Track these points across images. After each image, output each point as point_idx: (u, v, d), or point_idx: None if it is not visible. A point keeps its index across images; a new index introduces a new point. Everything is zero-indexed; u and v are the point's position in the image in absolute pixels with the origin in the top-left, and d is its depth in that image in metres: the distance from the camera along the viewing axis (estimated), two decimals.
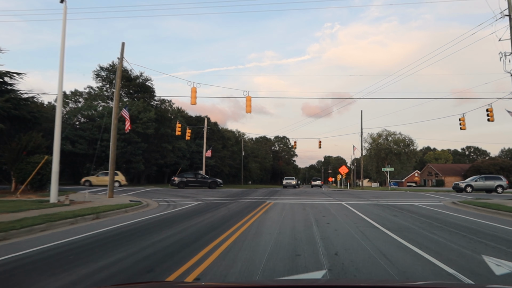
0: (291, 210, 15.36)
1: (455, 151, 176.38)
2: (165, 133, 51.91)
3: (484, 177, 36.93)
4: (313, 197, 25.25)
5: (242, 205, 18.06)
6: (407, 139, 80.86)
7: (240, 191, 33.27)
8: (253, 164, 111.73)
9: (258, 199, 21.68)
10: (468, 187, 35.66)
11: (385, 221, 11.52)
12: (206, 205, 17.59)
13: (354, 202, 20.71)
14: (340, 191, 37.24)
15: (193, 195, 24.73)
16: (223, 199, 21.73)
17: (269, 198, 23.25)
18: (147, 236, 8.37)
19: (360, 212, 14.72)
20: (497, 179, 36.53)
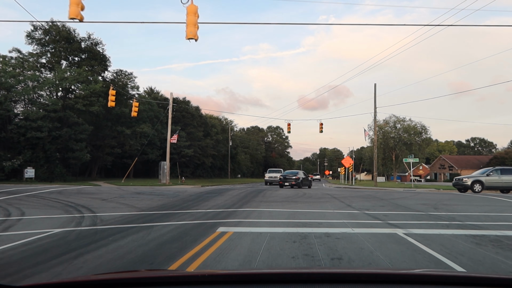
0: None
1: (459, 143, 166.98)
2: (122, 114, 40.36)
3: (500, 170, 25.90)
4: (320, 206, 13.95)
5: (143, 244, 6.57)
6: (419, 126, 69.90)
7: (196, 193, 22.00)
8: (243, 156, 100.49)
9: (205, 220, 10.34)
10: (477, 184, 25.05)
11: None
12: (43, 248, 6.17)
13: (427, 231, 9.45)
14: (352, 190, 26.05)
15: (72, 206, 13.41)
16: (127, 220, 10.44)
17: (234, 211, 11.94)
18: None
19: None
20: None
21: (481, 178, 25.41)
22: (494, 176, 25.23)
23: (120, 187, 25.49)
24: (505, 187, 25.29)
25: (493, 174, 25.47)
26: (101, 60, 39.04)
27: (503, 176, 25.22)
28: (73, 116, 32.93)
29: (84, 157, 35.02)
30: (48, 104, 31.58)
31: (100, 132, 40.11)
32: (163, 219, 9.50)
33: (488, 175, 25.44)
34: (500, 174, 25.34)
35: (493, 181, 25.13)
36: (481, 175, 25.89)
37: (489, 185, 25.09)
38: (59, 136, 32.26)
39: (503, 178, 25.11)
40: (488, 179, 25.15)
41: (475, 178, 25.59)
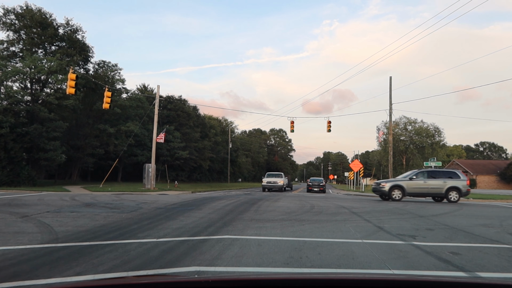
0: None
1: (468, 147, 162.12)
2: (105, 110, 35.88)
3: (427, 172, 21.52)
4: (338, 230, 9.32)
5: None
6: (432, 128, 65.14)
7: (168, 205, 17.44)
8: (244, 159, 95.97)
9: (131, 270, 5.80)
10: (396, 189, 20.56)
11: None
12: None
13: None
14: (369, 201, 21.46)
15: None
16: None
17: (202, 243, 7.41)
18: None
19: None
20: (449, 176, 21.04)
21: (402, 183, 20.89)
22: (418, 180, 20.73)
23: (87, 194, 21.08)
24: (431, 193, 20.70)
25: (418, 177, 20.92)
26: (80, 49, 34.64)
27: (431, 180, 20.74)
28: (44, 111, 28.48)
29: (59, 158, 30.57)
30: (10, 96, 27.17)
31: (80, 130, 35.74)
32: (56, 268, 5.00)
33: (411, 179, 20.88)
34: (427, 178, 20.86)
35: (417, 186, 20.59)
36: (403, 179, 21.41)
37: (411, 191, 20.67)
38: (26, 133, 27.85)
39: (430, 182, 20.64)
40: (411, 184, 20.65)
41: (394, 183, 21.12)
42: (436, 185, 20.51)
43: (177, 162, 55.02)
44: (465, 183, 20.79)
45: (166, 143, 53.04)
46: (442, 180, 20.68)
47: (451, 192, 20.38)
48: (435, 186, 20.50)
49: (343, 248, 6.84)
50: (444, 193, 20.40)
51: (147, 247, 6.54)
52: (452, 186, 20.44)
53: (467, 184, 20.90)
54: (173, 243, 6.94)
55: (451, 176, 20.96)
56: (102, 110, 35.82)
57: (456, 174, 21.21)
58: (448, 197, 20.35)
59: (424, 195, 21.38)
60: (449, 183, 20.53)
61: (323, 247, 6.84)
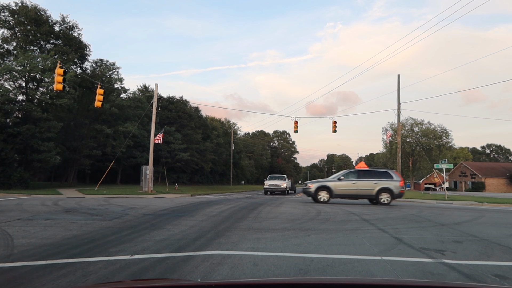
0: None
1: (474, 149, 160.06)
2: (102, 110, 34.72)
3: (357, 173, 20.16)
4: (351, 243, 7.95)
5: None
6: (439, 130, 63.53)
7: (159, 211, 16.12)
8: (247, 161, 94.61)
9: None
10: (322, 191, 19.19)
11: None
12: None
13: None
14: (380, 206, 20.11)
15: None
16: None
17: (186, 261, 6.07)
18: None
19: None
20: (381, 177, 19.45)
21: (329, 184, 19.50)
22: (347, 181, 19.34)
23: (77, 197, 19.86)
24: (361, 195, 19.15)
25: (347, 178, 19.55)
26: (77, 47, 33.49)
27: (360, 180, 19.28)
28: (36, 110, 27.29)
29: (53, 159, 29.38)
30: (1, 94, 25.97)
31: (76, 131, 34.55)
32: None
33: (339, 180, 19.50)
34: (356, 178, 19.43)
35: (346, 187, 19.19)
36: (331, 180, 20.10)
37: (339, 193, 19.19)
38: (18, 134, 26.67)
39: (359, 183, 19.19)
40: (339, 185, 19.25)
41: (321, 184, 19.68)
42: (366, 186, 19.01)
43: (178, 164, 53.78)
44: (398, 184, 19.20)
45: (166, 144, 51.86)
46: (373, 181, 19.14)
47: (382, 193, 18.90)
48: (365, 187, 19.02)
49: (359, 268, 5.49)
50: (375, 195, 18.93)
51: (114, 268, 5.22)
52: (384, 187, 18.88)
53: (400, 185, 19.28)
54: (149, 262, 5.61)
55: (383, 177, 19.38)
56: (99, 110, 34.66)
57: (388, 174, 19.63)
58: (379, 199, 18.87)
59: (353, 196, 19.62)
60: (380, 184, 18.99)
61: (334, 268, 5.49)
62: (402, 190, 19.49)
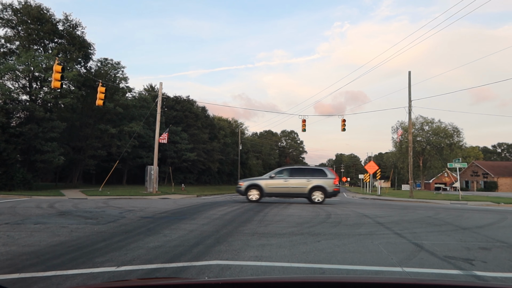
0: None
1: (485, 148, 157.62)
2: (107, 110, 34.24)
3: (290, 170, 19.19)
4: (366, 250, 7.13)
5: None
6: (450, 129, 62.16)
7: (158, 214, 15.40)
8: (254, 161, 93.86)
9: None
10: (253, 189, 18.36)
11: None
12: None
13: None
14: (392, 207, 19.15)
15: None
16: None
17: (179, 274, 5.32)
18: None
19: None
20: (315, 175, 18.55)
21: (260, 182, 18.59)
22: (279, 179, 18.43)
23: (77, 198, 19.30)
24: (293, 193, 18.25)
25: (279, 176, 18.63)
26: (80, 46, 33.01)
27: (292, 178, 18.36)
28: (39, 110, 26.83)
29: (56, 160, 28.90)
30: (2, 93, 25.53)
31: (80, 131, 34.09)
32: None
33: (271, 178, 18.62)
34: (289, 176, 18.51)
35: (277, 185, 18.26)
36: (263, 178, 19.15)
37: (271, 191, 18.31)
38: (20, 134, 26.22)
39: (291, 181, 18.26)
40: (270, 183, 18.35)
41: (252, 182, 18.93)
42: (298, 184, 18.17)
43: (184, 164, 53.22)
44: (332, 182, 18.34)
45: (173, 144, 51.34)
46: (306, 179, 18.32)
47: (315, 192, 18.11)
48: (298, 185, 18.17)
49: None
50: (307, 193, 18.11)
51: (94, 283, 4.50)
52: (317, 185, 18.06)
53: (334, 183, 18.41)
54: (135, 275, 4.89)
55: (317, 174, 18.54)
56: (104, 109, 34.18)
57: (323, 172, 18.76)
58: (312, 198, 18.08)
59: (285, 195, 18.75)
60: (313, 182, 18.17)
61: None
62: (336, 189, 18.66)
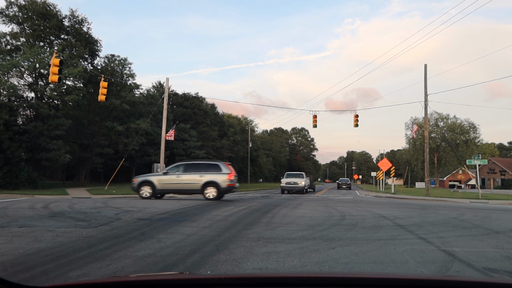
0: None
1: (500, 145, 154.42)
2: (113, 107, 33.64)
3: (184, 166, 18.41)
4: (390, 261, 6.17)
5: None
6: (466, 124, 60.38)
7: (158, 215, 14.52)
8: (264, 159, 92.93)
9: None
10: (145, 186, 17.76)
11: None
12: None
13: None
14: (409, 206, 18.02)
15: None
16: None
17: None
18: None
19: None
20: (209, 170, 17.75)
21: (152, 178, 17.84)
22: (172, 175, 17.72)
23: (80, 198, 18.62)
24: (186, 189, 17.41)
25: (173, 171, 17.97)
26: (86, 42, 32.41)
27: (185, 174, 17.59)
28: (43, 107, 26.27)
29: (62, 158, 28.38)
30: (6, 90, 25.02)
31: (87, 128, 33.55)
32: None
33: (165, 173, 18.03)
34: (182, 172, 17.76)
35: (170, 181, 17.51)
36: (156, 174, 18.68)
37: (163, 188, 17.58)
38: (24, 132, 25.69)
39: (184, 177, 17.48)
40: (163, 179, 17.62)
41: (144, 178, 18.12)
42: (191, 180, 17.32)
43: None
44: (226, 177, 17.33)
45: (181, 142, 50.69)
46: (199, 174, 17.45)
47: (208, 188, 17.27)
48: (190, 181, 17.31)
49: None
50: (200, 189, 17.30)
51: None
52: (210, 181, 17.23)
53: (228, 179, 17.36)
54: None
55: (211, 169, 17.70)
56: (110, 106, 33.59)
57: (217, 166, 17.82)
58: (205, 194, 17.24)
59: (178, 191, 18.03)
60: (206, 177, 17.35)
61: None
62: (231, 184, 17.61)
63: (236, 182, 18.58)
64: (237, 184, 19.32)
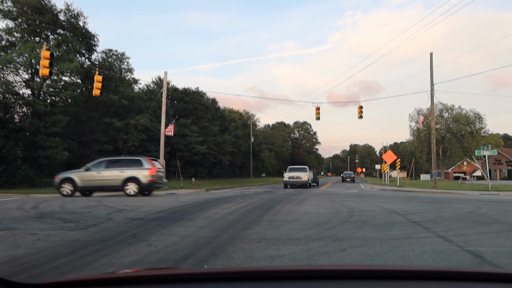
0: None
1: (505, 136, 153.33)
2: (112, 103, 32.94)
3: (106, 162, 18.13)
4: (412, 262, 5.47)
5: None
6: (471, 115, 59.37)
7: (153, 214, 13.79)
8: (267, 153, 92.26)
9: None
10: (66, 183, 17.25)
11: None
12: None
13: None
14: (420, 200, 17.28)
15: None
16: None
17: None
18: None
19: None
20: (130, 165, 17.44)
21: (73, 175, 17.40)
22: (93, 171, 17.31)
23: (77, 196, 17.98)
24: (107, 186, 17.04)
25: (95, 168, 17.52)
26: (83, 37, 31.65)
27: (107, 170, 17.27)
28: (39, 103, 25.61)
29: (60, 155, 27.77)
30: None
31: (85, 125, 32.91)
32: None
33: (87, 170, 17.51)
34: (104, 168, 17.42)
35: (91, 178, 17.11)
36: (78, 171, 17.97)
37: (85, 185, 17.17)
38: (20, 129, 25.06)
39: (105, 173, 17.16)
40: (84, 176, 17.22)
41: (65, 175, 17.69)
42: (111, 176, 16.99)
43: (195, 158, 51.90)
44: (147, 172, 16.91)
45: (182, 137, 50.03)
46: (119, 170, 17.09)
47: (128, 184, 16.95)
48: (111, 177, 16.94)
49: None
50: (121, 185, 16.98)
51: None
52: (130, 176, 16.91)
53: (150, 174, 16.93)
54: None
55: (133, 165, 17.31)
56: (109, 102, 32.91)
57: (139, 162, 17.44)
58: (125, 191, 16.79)
59: (99, 188, 17.66)
60: (127, 173, 17.02)
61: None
62: (153, 180, 17.15)
63: (161, 177, 18.04)
64: (165, 180, 18.96)
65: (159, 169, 17.93)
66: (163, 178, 18.68)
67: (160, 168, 18.23)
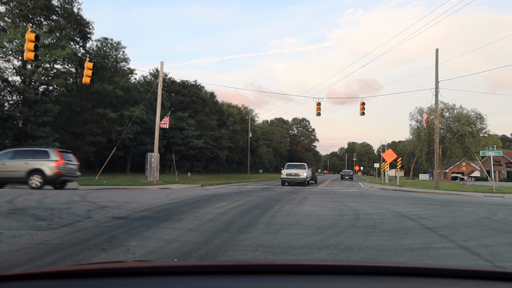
0: None
1: (504, 137, 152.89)
2: (106, 93, 31.87)
3: (13, 152, 17.23)
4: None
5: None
6: (473, 115, 58.55)
7: (137, 212, 12.87)
8: (265, 149, 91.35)
9: None
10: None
11: None
12: None
13: None
14: (426, 201, 16.39)
15: None
16: None
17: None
18: None
19: None
20: (37, 156, 16.65)
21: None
22: (5, 162, 16.49)
23: (66, 189, 17.05)
24: (12, 177, 16.47)
25: (1, 158, 16.67)
26: (77, 24, 30.52)
27: (12, 161, 16.47)
28: (29, 91, 24.56)
29: (50, 146, 26.73)
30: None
31: (79, 115, 31.87)
32: None
33: None
34: (9, 159, 16.60)
35: (6, 169, 16.31)
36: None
37: None
38: (8, 117, 24.03)
39: (9, 164, 16.35)
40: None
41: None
42: (16, 168, 16.25)
43: (191, 152, 50.93)
44: (53, 164, 16.12)
45: (179, 131, 49.01)
46: (24, 161, 16.32)
47: (33, 176, 16.11)
48: (15, 168, 16.20)
49: None
50: (25, 177, 16.12)
51: None
52: (35, 168, 16.11)
53: (56, 166, 16.12)
54: None
55: (39, 156, 16.63)
56: (103, 92, 31.86)
57: (46, 153, 16.67)
58: (29, 183, 15.97)
59: (3, 180, 16.68)
60: (32, 164, 16.21)
61: None
62: (59, 172, 16.32)
63: (70, 170, 17.09)
64: (78, 173, 17.94)
65: (68, 161, 16.90)
66: (76, 171, 17.57)
67: (71, 161, 17.18)
